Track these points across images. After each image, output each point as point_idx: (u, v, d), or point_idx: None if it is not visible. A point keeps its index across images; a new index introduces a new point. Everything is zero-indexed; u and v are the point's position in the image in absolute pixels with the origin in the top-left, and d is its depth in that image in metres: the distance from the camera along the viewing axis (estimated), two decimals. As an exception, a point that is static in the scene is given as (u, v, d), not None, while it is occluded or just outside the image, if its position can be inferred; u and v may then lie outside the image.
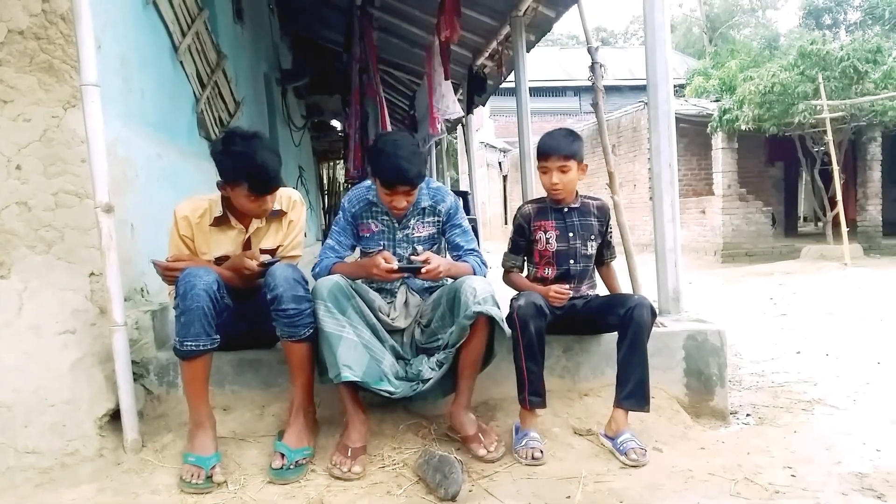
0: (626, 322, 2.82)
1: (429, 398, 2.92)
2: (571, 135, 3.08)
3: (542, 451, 2.72)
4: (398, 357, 2.90)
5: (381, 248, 2.99)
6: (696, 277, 10.78)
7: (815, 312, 6.86)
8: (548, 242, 3.09)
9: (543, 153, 3.04)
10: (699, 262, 13.32)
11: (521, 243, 3.16)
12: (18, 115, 2.78)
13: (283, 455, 2.65)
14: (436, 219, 3.06)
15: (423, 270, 2.76)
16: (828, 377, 4.12)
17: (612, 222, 3.29)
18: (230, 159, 2.71)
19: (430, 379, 2.77)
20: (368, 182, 3.05)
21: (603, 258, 3.26)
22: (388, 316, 2.98)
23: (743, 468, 2.59)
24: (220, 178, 2.78)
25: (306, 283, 2.76)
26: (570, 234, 3.09)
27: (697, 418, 3.18)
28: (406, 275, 2.89)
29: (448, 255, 3.12)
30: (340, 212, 3.05)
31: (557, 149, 3.01)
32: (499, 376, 3.07)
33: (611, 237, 3.26)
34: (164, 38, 4.16)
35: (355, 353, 2.70)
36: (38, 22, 2.77)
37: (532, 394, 2.81)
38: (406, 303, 3.04)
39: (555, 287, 2.97)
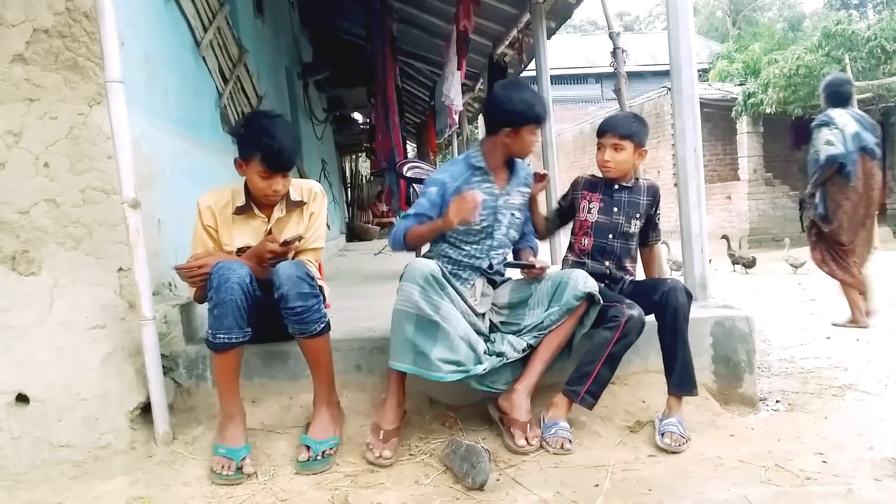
0: (663, 307, 2.82)
1: (499, 381, 2.89)
2: (635, 119, 3.15)
3: (570, 441, 2.72)
4: (480, 334, 2.91)
5: (484, 217, 3.00)
6: (723, 264, 10.67)
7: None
8: (588, 212, 3.13)
9: (601, 130, 3.11)
10: (726, 248, 13.15)
11: (562, 205, 3.28)
12: (45, 112, 2.81)
13: (308, 447, 2.67)
14: (527, 190, 3.17)
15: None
16: (859, 362, 4.06)
17: (662, 205, 3.30)
18: (249, 132, 2.75)
19: (510, 358, 2.83)
20: (462, 156, 3.13)
21: (648, 239, 3.28)
22: (472, 299, 3.00)
23: (773, 455, 2.56)
24: (237, 156, 2.80)
25: (312, 279, 2.75)
26: (615, 209, 3.11)
27: (726, 405, 3.15)
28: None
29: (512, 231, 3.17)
30: (433, 185, 3.02)
31: (615, 127, 3.07)
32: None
33: (658, 219, 3.27)
34: (186, 34, 4.19)
35: (451, 345, 2.68)
36: (62, 20, 2.80)
37: (589, 393, 2.80)
38: (483, 293, 3.07)
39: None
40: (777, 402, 3.39)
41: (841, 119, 5.05)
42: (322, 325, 2.76)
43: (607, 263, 3.11)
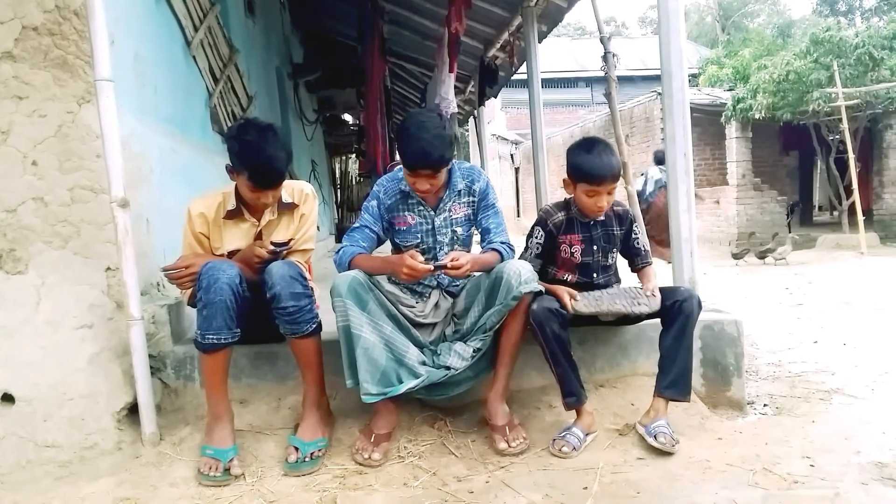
0: (675, 314, 2.79)
1: (462, 384, 2.88)
2: (609, 148, 2.89)
3: (575, 449, 2.69)
4: (423, 346, 2.86)
5: (419, 239, 2.96)
6: (711, 268, 10.71)
7: (832, 302, 6.81)
8: (572, 255, 3.02)
9: (596, 177, 2.83)
10: (714, 253, 13.21)
11: (546, 249, 3.05)
12: (34, 110, 2.79)
13: (297, 448, 2.67)
14: (471, 199, 3.01)
15: (448, 266, 2.67)
16: (846, 367, 4.08)
17: (637, 227, 3.16)
18: (239, 146, 2.71)
19: (459, 369, 2.77)
20: (402, 173, 2.95)
21: (636, 265, 3.16)
22: (415, 309, 2.95)
23: (761, 458, 2.57)
24: (228, 163, 2.79)
25: (305, 279, 2.75)
26: (594, 248, 3.02)
27: (714, 409, 3.16)
28: (436, 272, 2.77)
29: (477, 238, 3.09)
30: (373, 198, 2.97)
31: (612, 173, 2.84)
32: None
33: (638, 243, 3.14)
34: (177, 33, 4.17)
35: (370, 358, 2.65)
36: (51, 18, 2.78)
37: (566, 395, 2.80)
38: (437, 305, 3.02)
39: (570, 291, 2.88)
40: (765, 405, 3.41)
41: (651, 171, 9.77)
42: (314, 326, 2.75)
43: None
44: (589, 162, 2.85)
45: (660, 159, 9.38)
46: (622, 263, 3.22)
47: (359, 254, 2.87)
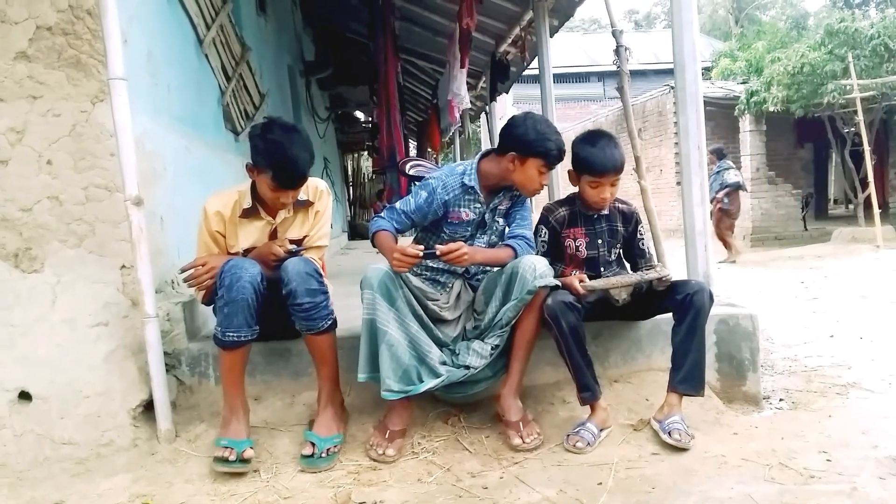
0: (686, 307, 2.77)
1: (480, 384, 2.90)
2: (614, 141, 2.92)
3: (589, 444, 2.68)
4: (444, 346, 2.87)
5: (469, 232, 2.98)
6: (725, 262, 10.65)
7: (848, 296, 6.75)
8: (577, 250, 3.03)
9: (600, 170, 2.86)
10: (728, 247, 13.14)
11: (552, 246, 3.06)
12: (48, 110, 2.81)
13: (313, 444, 2.68)
14: (513, 192, 3.02)
15: (437, 253, 2.68)
16: (862, 361, 4.05)
17: (643, 229, 3.14)
18: (264, 145, 2.72)
19: (478, 367, 2.78)
20: (461, 168, 2.97)
21: (639, 267, 3.11)
22: (439, 301, 2.96)
23: (777, 453, 2.55)
24: (250, 161, 2.79)
25: (320, 275, 2.76)
26: (599, 241, 3.03)
27: (730, 403, 3.14)
28: (425, 260, 2.77)
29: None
30: (425, 189, 2.94)
31: (615, 166, 2.86)
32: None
33: (643, 244, 3.13)
34: (189, 32, 4.18)
35: (394, 355, 2.67)
36: (65, 17, 2.79)
37: (581, 389, 2.78)
38: (459, 296, 3.02)
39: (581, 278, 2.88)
40: (781, 400, 3.39)
41: (724, 164, 10.71)
42: (329, 322, 2.76)
43: None
44: (593, 154, 2.88)
45: (721, 153, 10.90)
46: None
47: (384, 230, 2.92)
